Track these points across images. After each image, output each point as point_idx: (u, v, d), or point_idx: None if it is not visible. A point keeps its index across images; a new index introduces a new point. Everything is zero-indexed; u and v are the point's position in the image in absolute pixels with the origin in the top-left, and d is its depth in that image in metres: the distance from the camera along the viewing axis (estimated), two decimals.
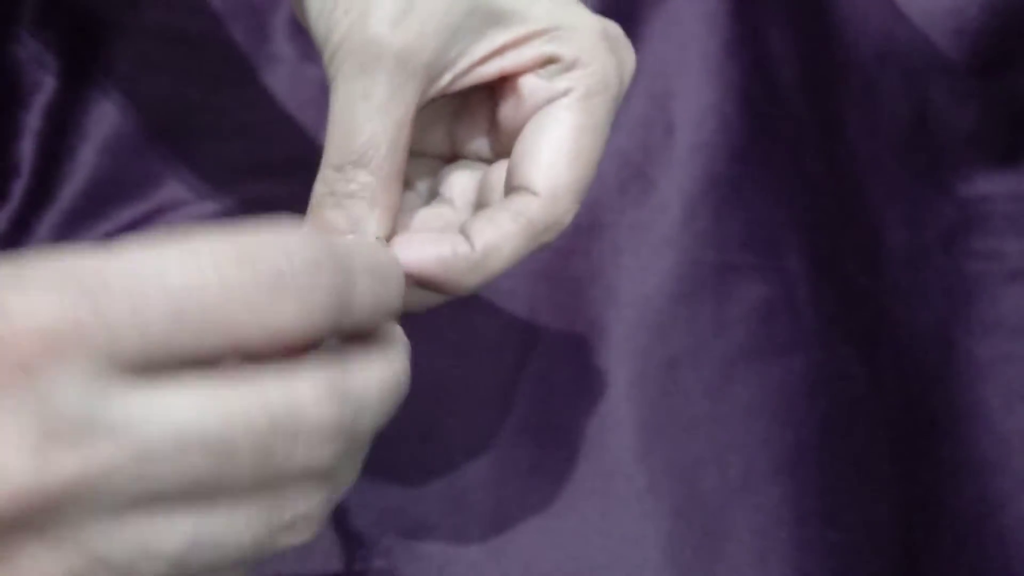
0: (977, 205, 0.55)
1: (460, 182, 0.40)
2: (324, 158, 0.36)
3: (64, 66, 0.55)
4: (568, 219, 0.37)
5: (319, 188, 0.36)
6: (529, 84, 0.37)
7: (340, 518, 0.44)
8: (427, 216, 0.39)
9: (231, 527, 0.26)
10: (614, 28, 0.38)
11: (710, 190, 0.54)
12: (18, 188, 0.53)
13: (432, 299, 0.37)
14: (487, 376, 0.49)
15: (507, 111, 0.38)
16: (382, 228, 0.36)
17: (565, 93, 0.37)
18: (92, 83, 0.55)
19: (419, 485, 0.45)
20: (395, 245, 0.35)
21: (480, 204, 0.39)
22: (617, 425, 0.48)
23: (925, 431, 0.49)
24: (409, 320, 0.49)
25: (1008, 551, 0.46)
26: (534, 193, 0.36)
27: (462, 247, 0.35)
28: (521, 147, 0.37)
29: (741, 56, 0.56)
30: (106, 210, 0.53)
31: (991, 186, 0.55)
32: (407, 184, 0.40)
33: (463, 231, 0.36)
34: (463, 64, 0.37)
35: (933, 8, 0.56)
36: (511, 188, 0.37)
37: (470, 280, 0.35)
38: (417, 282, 0.35)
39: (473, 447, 0.47)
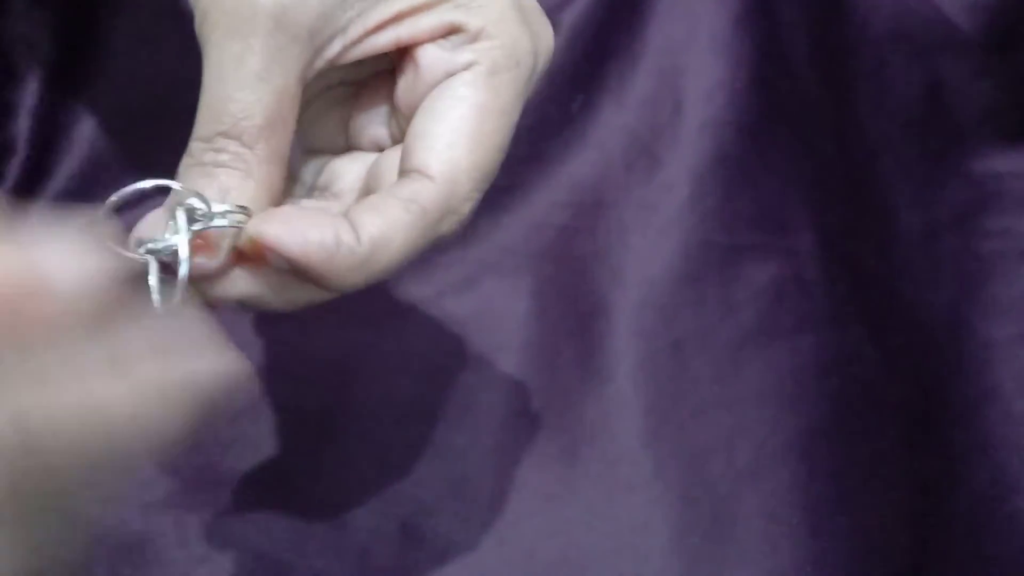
0: (990, 183, 0.55)
1: (349, 174, 0.37)
2: (193, 131, 0.33)
3: (59, 42, 0.54)
4: (467, 208, 0.34)
5: (185, 161, 0.33)
6: (428, 55, 0.34)
7: (338, 504, 0.44)
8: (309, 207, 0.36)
9: None
10: (530, 1, 0.36)
11: (718, 168, 0.53)
12: (14, 167, 0.52)
13: (303, 295, 0.34)
14: (489, 357, 0.49)
15: (404, 87, 0.35)
16: (257, 203, 0.32)
17: (468, 67, 0.34)
18: (88, 59, 0.55)
19: (420, 468, 0.45)
20: (271, 218, 0.31)
21: (368, 193, 0.35)
22: (623, 409, 0.47)
23: (937, 413, 0.49)
24: (408, 302, 0.50)
25: (1021, 533, 0.46)
26: (429, 177, 0.33)
27: (347, 236, 0.31)
28: (416, 126, 0.34)
29: (751, 32, 0.55)
30: (103, 189, 0.52)
31: (1005, 164, 0.55)
32: (292, 177, 0.37)
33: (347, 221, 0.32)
34: (355, 31, 0.34)
35: None
36: (403, 172, 0.34)
37: (352, 277, 0.32)
38: (292, 268, 0.31)
39: (475, 430, 0.46)
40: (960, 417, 0.49)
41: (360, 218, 0.32)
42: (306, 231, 0.31)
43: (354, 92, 0.37)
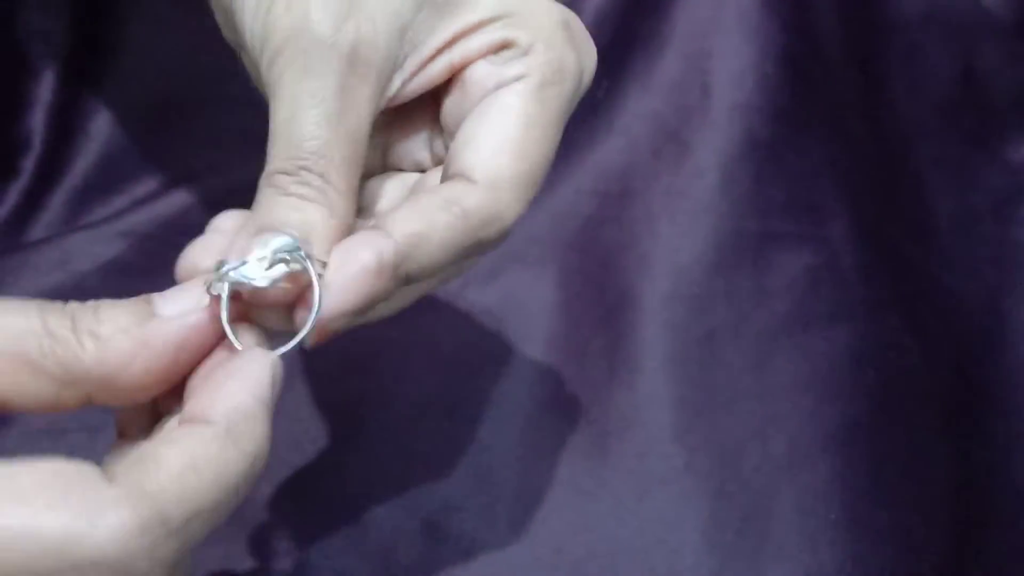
0: None
1: (390, 193, 0.37)
2: (268, 165, 0.33)
3: (75, 36, 0.54)
4: (510, 218, 0.34)
5: (267, 192, 0.33)
6: (478, 70, 0.35)
7: (361, 500, 0.44)
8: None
9: None
10: (576, 21, 0.37)
11: (749, 154, 0.53)
12: (29, 162, 0.53)
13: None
14: (514, 349, 0.48)
15: (452, 104, 0.36)
16: (334, 239, 0.32)
17: (518, 79, 0.35)
18: (104, 53, 0.55)
19: (443, 463, 0.45)
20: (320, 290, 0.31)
21: None
22: (653, 401, 0.47)
23: (976, 403, 0.49)
24: (431, 294, 0.49)
25: None
26: (472, 181, 0.33)
27: (386, 252, 0.31)
28: (462, 134, 0.35)
29: (781, 13, 0.55)
30: (120, 184, 0.53)
31: None
32: None
33: (379, 223, 0.32)
34: (412, 64, 0.35)
35: None
36: (446, 177, 0.35)
37: (393, 286, 0.32)
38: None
39: (500, 423, 0.46)
40: (999, 406, 0.49)
41: (395, 217, 0.32)
42: (354, 287, 0.31)
43: (392, 116, 0.38)
